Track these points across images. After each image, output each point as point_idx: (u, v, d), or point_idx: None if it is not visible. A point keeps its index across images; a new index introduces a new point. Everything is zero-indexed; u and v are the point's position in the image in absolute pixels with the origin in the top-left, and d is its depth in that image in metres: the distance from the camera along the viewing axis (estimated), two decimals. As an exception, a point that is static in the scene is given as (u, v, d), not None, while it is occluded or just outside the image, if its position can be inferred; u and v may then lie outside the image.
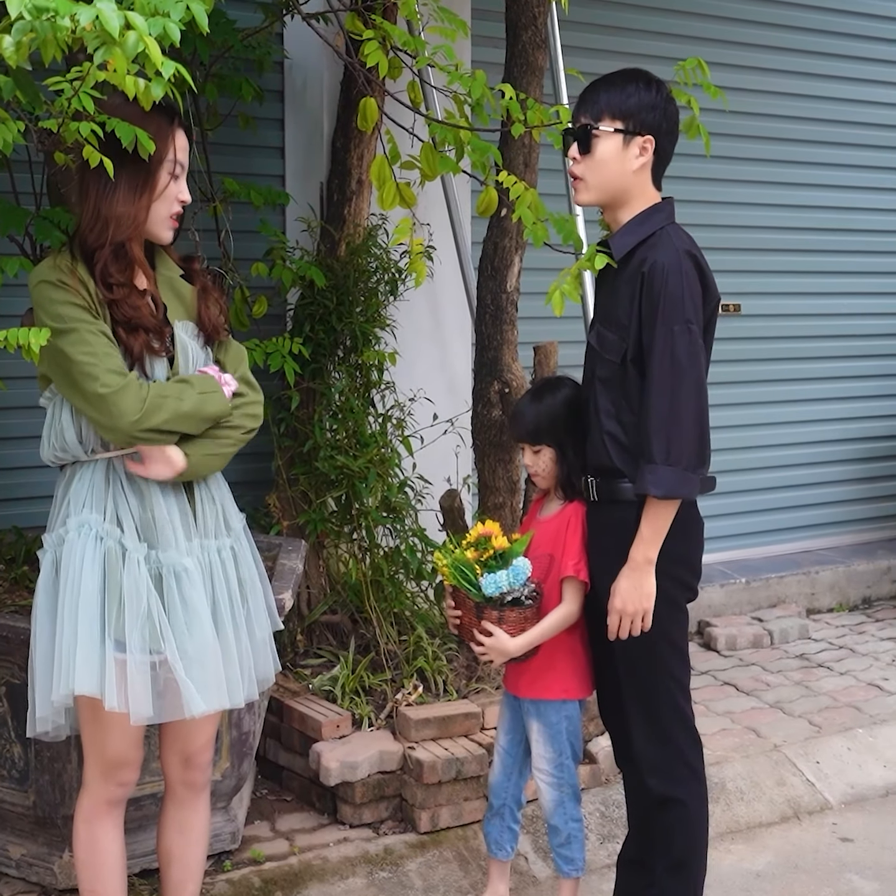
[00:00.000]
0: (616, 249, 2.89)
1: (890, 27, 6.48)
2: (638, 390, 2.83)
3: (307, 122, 4.71)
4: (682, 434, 2.76)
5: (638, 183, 2.90)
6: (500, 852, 3.24)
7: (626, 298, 2.84)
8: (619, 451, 2.87)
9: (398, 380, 4.48)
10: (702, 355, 2.82)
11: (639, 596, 2.81)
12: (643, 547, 2.81)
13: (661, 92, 2.90)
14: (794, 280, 6.32)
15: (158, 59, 2.13)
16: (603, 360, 2.90)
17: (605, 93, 2.88)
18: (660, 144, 2.89)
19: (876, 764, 4.40)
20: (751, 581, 5.91)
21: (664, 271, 2.77)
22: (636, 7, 5.65)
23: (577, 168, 2.90)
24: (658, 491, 2.75)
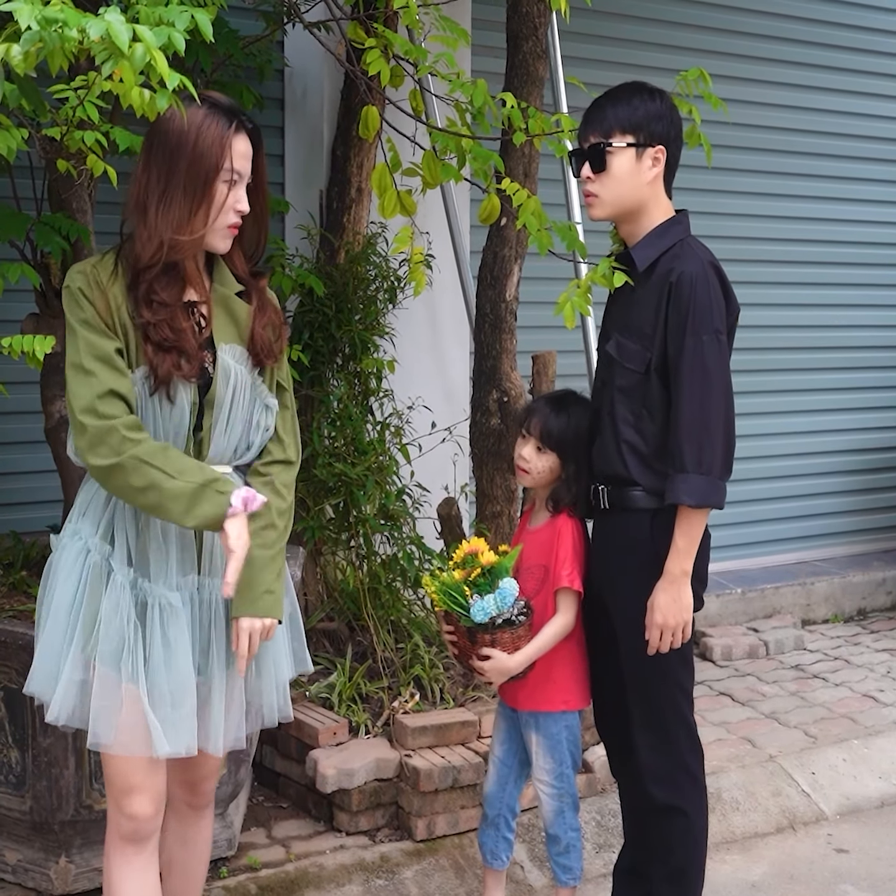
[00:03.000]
0: (639, 260, 2.91)
1: (891, 41, 6.51)
2: (660, 400, 2.85)
3: (307, 130, 4.72)
4: (712, 442, 2.78)
5: (653, 194, 2.92)
6: (495, 862, 3.24)
7: (651, 308, 2.86)
8: (636, 460, 2.88)
9: (397, 388, 4.48)
10: (728, 364, 2.85)
11: (679, 608, 2.82)
12: (679, 559, 2.81)
13: (665, 101, 2.93)
14: (793, 291, 6.34)
15: (166, 71, 2.14)
16: (623, 369, 2.91)
17: (612, 108, 2.89)
18: (670, 153, 2.93)
19: (871, 775, 4.41)
20: (746, 591, 5.92)
21: (692, 281, 2.80)
22: (637, 18, 5.67)
23: (592, 186, 2.90)
24: (692, 500, 2.77)
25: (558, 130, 3.35)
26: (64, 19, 1.99)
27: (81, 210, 3.49)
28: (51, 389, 3.57)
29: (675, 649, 2.87)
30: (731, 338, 2.92)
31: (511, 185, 3.19)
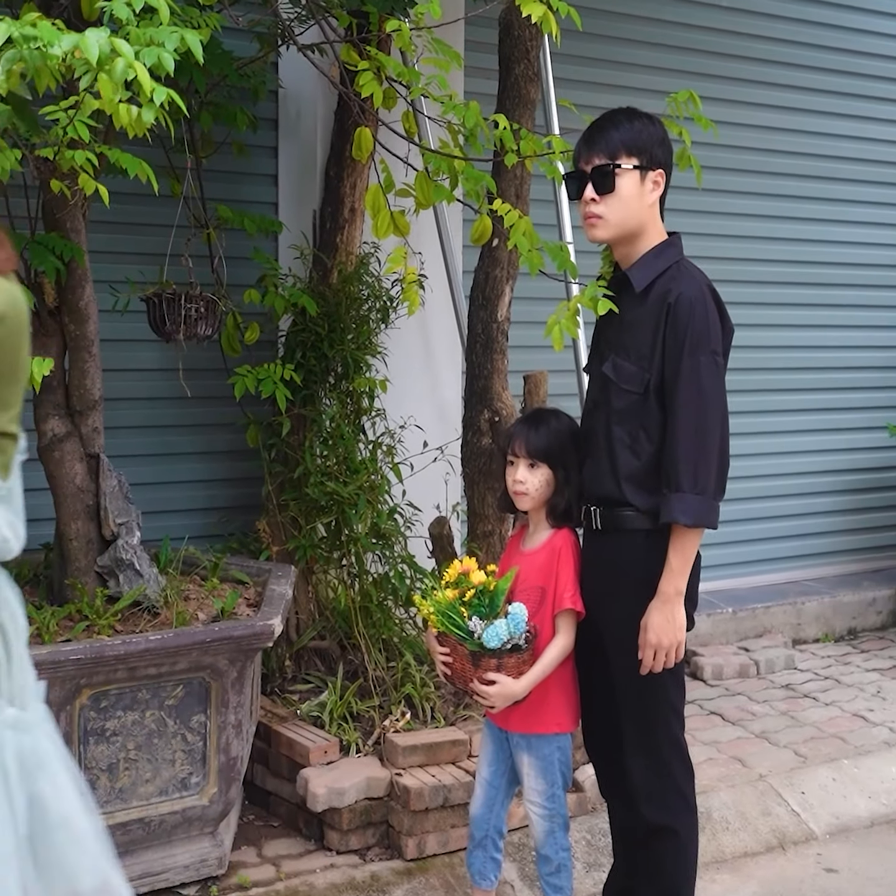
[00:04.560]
0: (636, 282, 2.94)
1: (876, 63, 6.57)
2: (657, 420, 2.87)
3: (301, 151, 4.75)
4: (707, 463, 2.81)
5: (651, 216, 2.96)
6: (483, 882, 3.23)
7: (649, 330, 2.88)
8: (630, 481, 2.90)
9: (389, 407, 4.50)
10: (724, 385, 2.87)
11: (673, 628, 2.83)
12: (674, 579, 2.83)
13: (662, 126, 3.00)
14: (782, 312, 6.37)
15: (148, 84, 2.16)
16: (620, 390, 2.93)
17: (616, 131, 2.91)
18: (667, 177, 2.96)
19: (861, 795, 4.41)
20: (737, 611, 5.94)
21: (691, 304, 2.83)
22: (628, 41, 5.72)
23: (597, 208, 2.91)
24: (688, 519, 2.78)
25: (549, 152, 3.39)
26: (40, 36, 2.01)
27: (75, 230, 3.51)
28: (43, 408, 3.59)
29: (668, 669, 2.88)
30: (726, 358, 2.94)
31: (502, 205, 3.21)
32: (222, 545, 4.43)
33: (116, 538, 3.62)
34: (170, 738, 3.35)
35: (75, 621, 3.43)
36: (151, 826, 3.34)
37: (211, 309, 3.99)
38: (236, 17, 3.33)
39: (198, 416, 4.61)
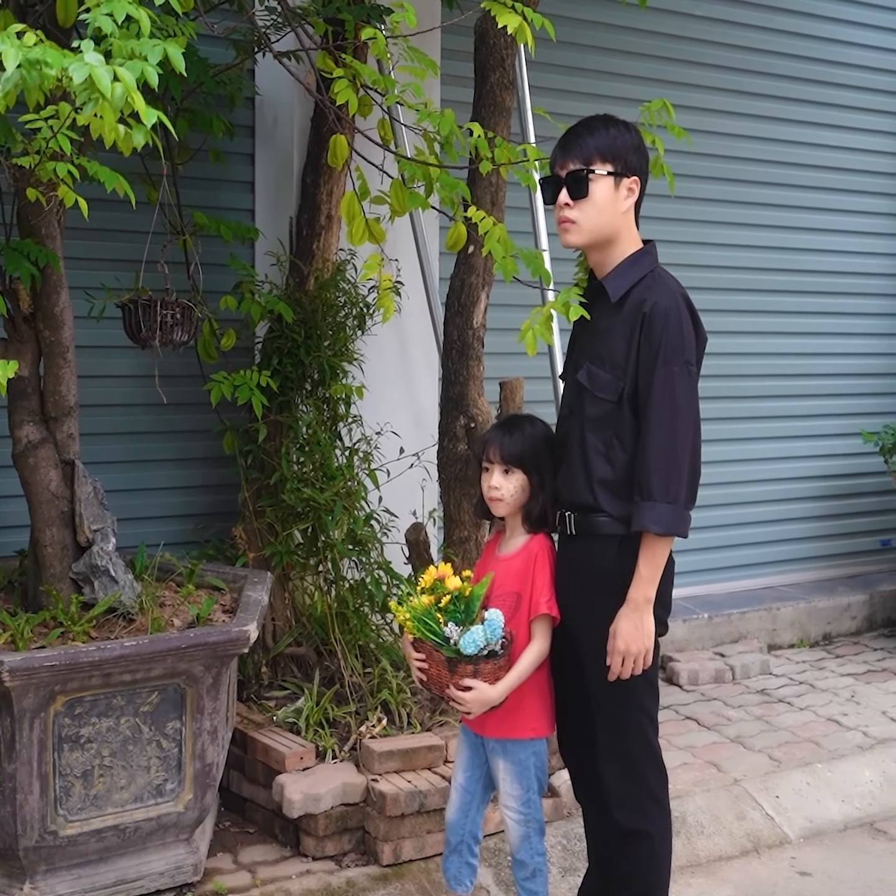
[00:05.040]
0: (612, 292, 2.95)
1: (848, 73, 6.62)
2: (631, 429, 2.88)
3: (277, 158, 4.76)
4: (679, 472, 2.82)
5: (626, 223, 2.98)
6: (459, 887, 3.24)
7: (624, 338, 2.90)
8: (605, 489, 2.91)
9: (365, 413, 4.51)
10: (697, 395, 2.89)
11: (641, 635, 2.84)
12: (643, 586, 2.84)
13: (638, 134, 3.01)
14: (756, 319, 6.42)
15: (143, 110, 2.16)
16: (594, 398, 2.94)
17: (591, 137, 2.93)
18: (642, 184, 2.98)
19: (834, 798, 4.44)
20: (713, 616, 5.96)
21: (665, 313, 2.85)
22: (603, 50, 5.75)
23: (570, 213, 2.93)
24: (659, 528, 2.80)
25: (524, 160, 3.40)
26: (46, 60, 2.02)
27: (51, 236, 3.51)
28: (18, 414, 3.58)
29: (643, 675, 2.90)
30: (699, 367, 2.96)
31: (477, 213, 3.23)
32: (198, 552, 4.42)
33: (91, 544, 3.62)
34: (145, 745, 3.34)
35: (50, 628, 3.42)
36: (126, 833, 3.33)
37: (187, 315, 3.99)
38: (212, 25, 3.34)
39: (174, 423, 4.61)
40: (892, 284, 6.94)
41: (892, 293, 6.95)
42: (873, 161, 6.78)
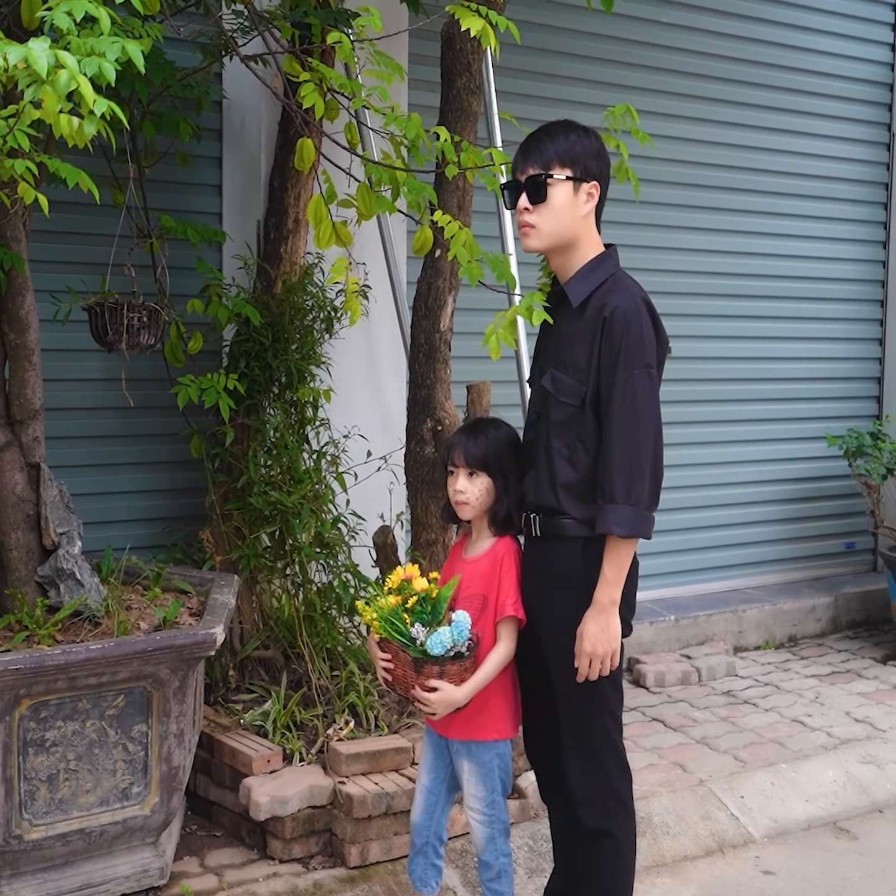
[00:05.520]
0: (573, 296, 2.97)
1: (811, 79, 6.68)
2: (594, 432, 2.90)
3: (245, 161, 4.76)
4: (641, 474, 2.84)
5: (586, 228, 2.99)
6: (425, 889, 3.24)
7: (586, 343, 2.91)
8: (569, 492, 2.93)
9: (333, 417, 4.51)
10: (659, 398, 2.91)
11: (607, 637, 2.87)
12: (608, 589, 2.86)
13: (599, 139, 3.02)
14: (724, 323, 6.47)
15: (90, 97, 2.16)
16: (558, 403, 2.96)
17: (551, 142, 2.95)
18: (601, 189, 2.99)
19: (798, 798, 4.48)
20: (680, 619, 6.00)
21: (625, 317, 2.86)
22: (569, 55, 5.79)
23: (530, 217, 2.95)
24: (622, 530, 2.82)
25: (490, 164, 3.42)
26: (-16, 45, 2.02)
27: (15, 238, 3.50)
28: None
29: (608, 676, 2.92)
30: (660, 370, 2.99)
31: (443, 217, 3.24)
32: (165, 555, 4.41)
33: (57, 548, 3.61)
34: (111, 748, 3.33)
35: (15, 631, 3.41)
36: (92, 837, 3.32)
37: (154, 318, 3.99)
38: (178, 28, 3.34)
39: (141, 426, 4.60)
40: (857, 290, 7.01)
41: (857, 298, 7.02)
42: (837, 167, 6.85)
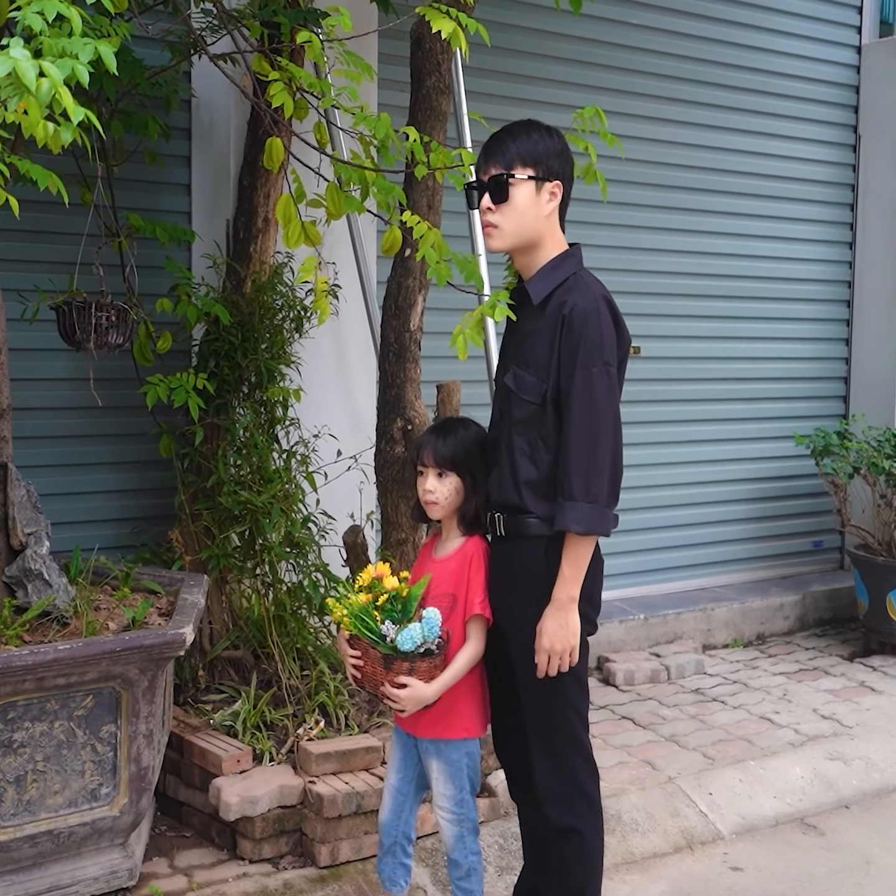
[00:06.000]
0: (534, 294, 2.98)
1: (778, 81, 6.73)
2: (555, 430, 2.91)
3: (214, 160, 4.75)
4: (599, 472, 2.84)
5: (549, 227, 3.00)
6: (394, 888, 3.25)
7: (546, 341, 2.92)
8: (531, 490, 2.94)
9: (303, 416, 4.51)
10: (618, 396, 2.92)
11: (565, 634, 2.87)
12: (566, 586, 2.87)
13: (561, 138, 3.03)
14: (691, 324, 6.50)
15: (71, 106, 2.16)
16: (520, 401, 2.97)
17: (513, 142, 2.96)
18: (565, 189, 3.01)
19: (766, 795, 4.51)
20: (649, 617, 6.03)
21: (584, 315, 2.87)
22: (538, 56, 5.81)
23: (492, 217, 2.97)
24: (580, 527, 2.83)
25: (460, 164, 3.43)
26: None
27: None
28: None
29: (571, 673, 2.93)
30: (622, 369, 3.00)
31: (412, 217, 3.25)
32: (134, 555, 4.40)
33: (25, 548, 3.59)
34: (79, 749, 3.32)
35: (-17, 632, 3.40)
36: (60, 838, 3.31)
37: (122, 318, 3.97)
38: (146, 26, 3.33)
39: (109, 426, 4.58)
40: (823, 290, 7.07)
41: (823, 299, 7.07)
42: (804, 168, 6.90)
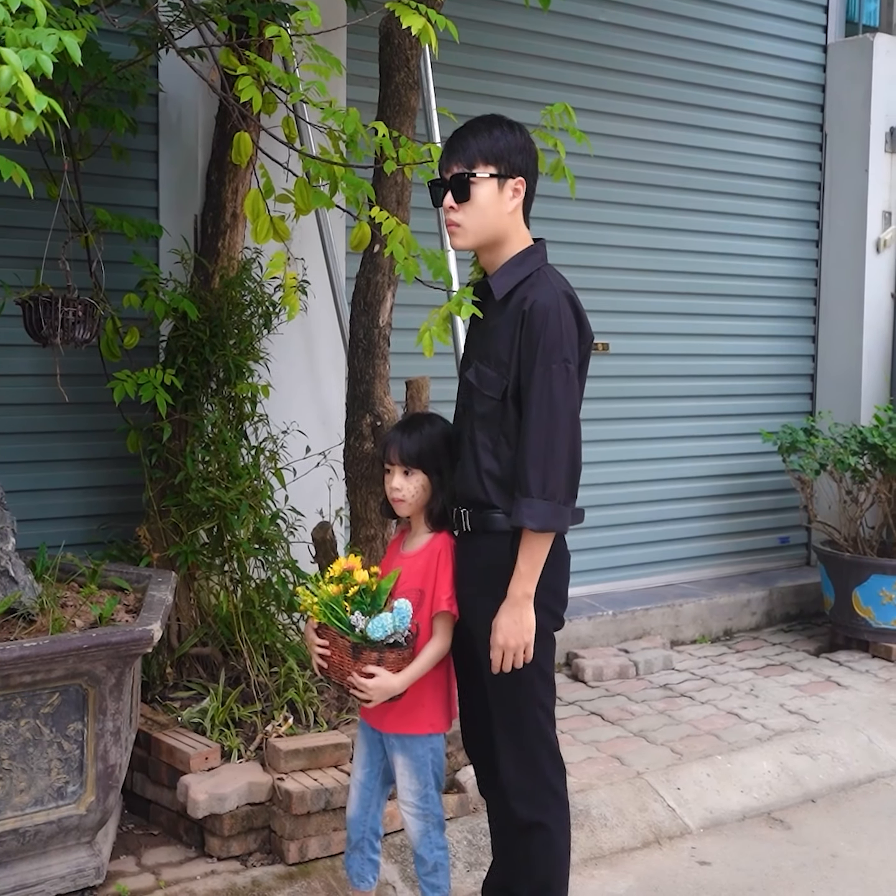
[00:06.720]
0: (496, 290, 2.97)
1: (750, 80, 6.77)
2: (516, 426, 2.91)
3: (182, 155, 4.72)
4: (557, 469, 2.84)
5: (513, 224, 3.00)
6: (362, 884, 3.25)
7: (507, 337, 2.92)
8: (494, 485, 2.94)
9: (271, 412, 4.50)
10: (577, 393, 2.92)
11: (519, 630, 2.87)
12: (521, 582, 2.87)
13: (524, 133, 3.02)
14: (655, 321, 6.53)
15: (32, 94, 2.14)
16: (482, 396, 2.97)
17: (474, 140, 2.95)
18: (528, 184, 3.00)
19: (734, 789, 4.54)
20: (617, 613, 6.05)
21: (545, 311, 2.87)
22: (507, 52, 5.81)
23: (455, 216, 2.96)
24: (535, 524, 2.83)
25: (429, 160, 3.42)
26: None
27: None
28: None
29: (537, 668, 2.94)
30: (585, 365, 3.00)
31: (380, 213, 3.24)
32: (102, 552, 4.37)
33: (-9, 545, 3.56)
34: (45, 747, 3.30)
35: (-53, 630, 3.37)
36: (26, 837, 3.28)
37: (89, 313, 3.95)
38: (112, 19, 3.31)
39: (76, 422, 4.55)
40: (790, 287, 7.11)
41: (790, 296, 7.12)
42: (771, 166, 6.94)
